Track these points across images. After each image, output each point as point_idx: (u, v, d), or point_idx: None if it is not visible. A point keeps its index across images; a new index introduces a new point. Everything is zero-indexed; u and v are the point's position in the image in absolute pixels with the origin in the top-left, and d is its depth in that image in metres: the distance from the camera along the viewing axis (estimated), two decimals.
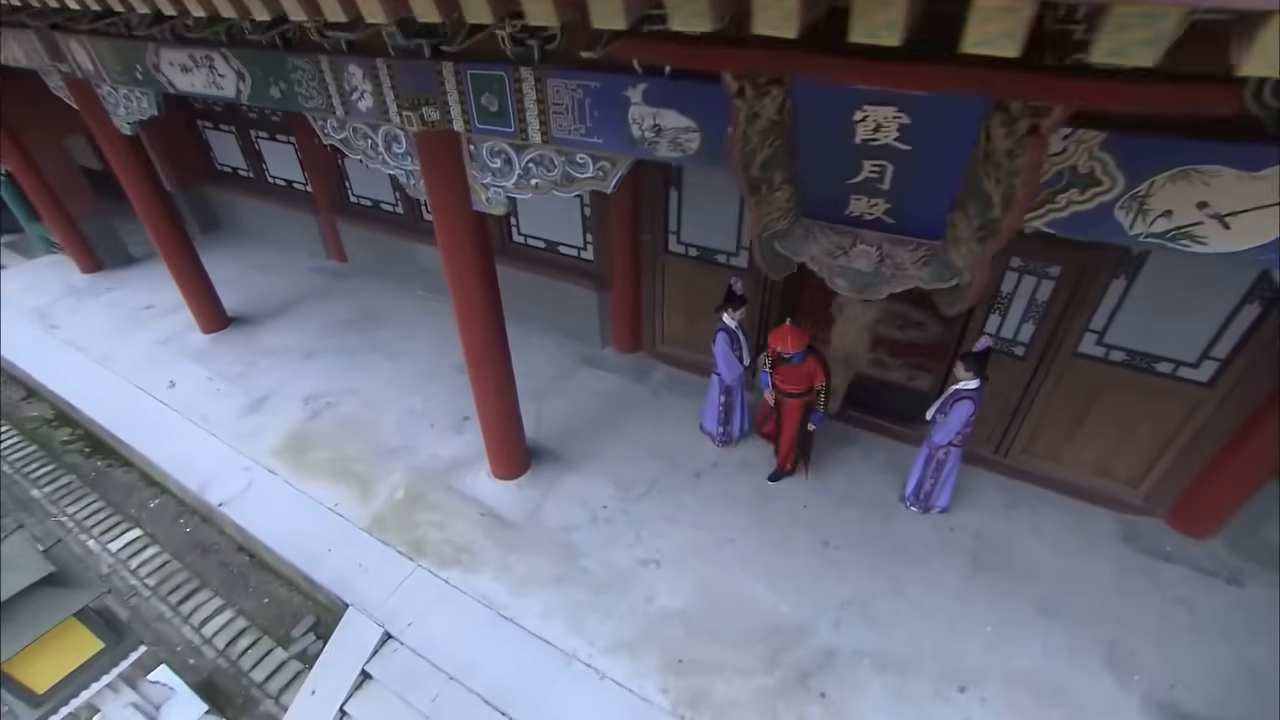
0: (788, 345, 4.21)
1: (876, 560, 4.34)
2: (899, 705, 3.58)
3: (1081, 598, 4.07)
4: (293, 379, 6.19)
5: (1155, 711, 3.52)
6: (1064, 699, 3.58)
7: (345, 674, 4.00)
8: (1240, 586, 4.13)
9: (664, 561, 4.36)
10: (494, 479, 4.97)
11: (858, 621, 3.98)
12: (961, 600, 4.09)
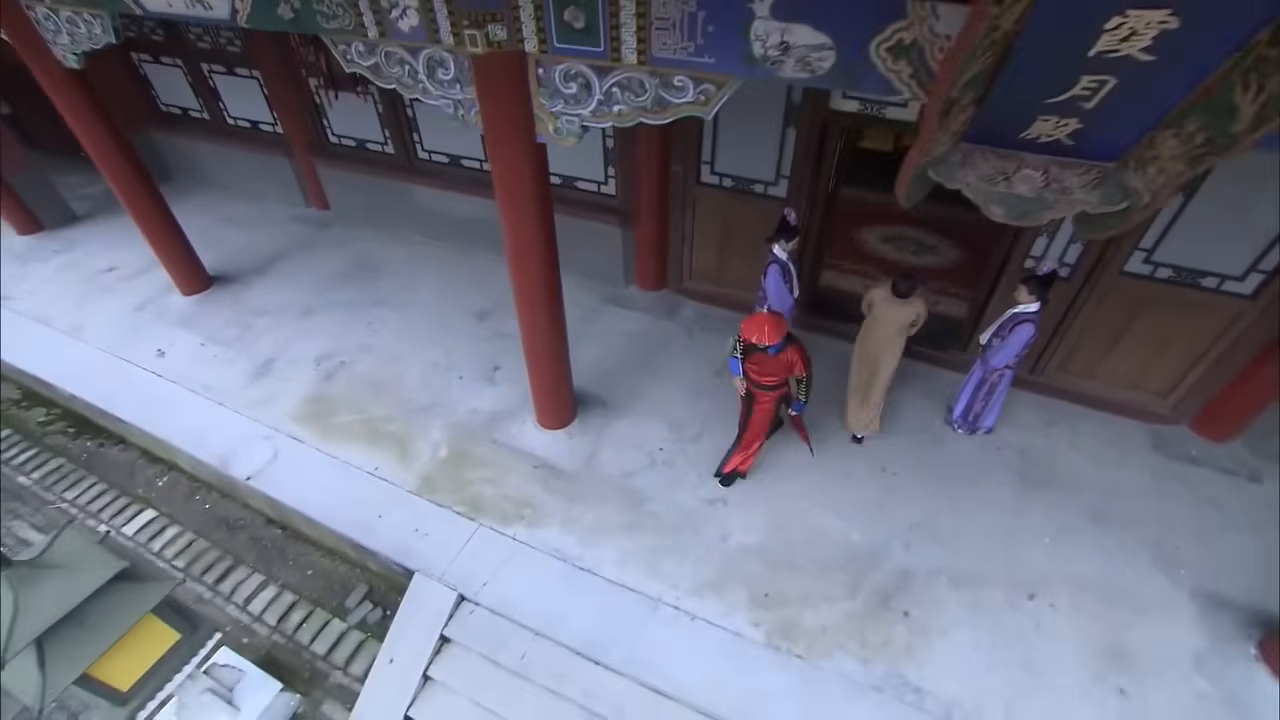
0: (764, 336, 3.66)
1: (933, 483, 4.47)
2: (976, 617, 3.76)
3: (1124, 504, 4.32)
4: (296, 339, 5.78)
5: (1203, 602, 3.82)
6: (1124, 598, 3.84)
7: (423, 640, 3.92)
8: (1260, 483, 4.46)
9: (731, 500, 4.37)
10: (542, 429, 4.82)
11: (926, 542, 4.12)
12: (1017, 514, 4.28)
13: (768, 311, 3.81)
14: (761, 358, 3.84)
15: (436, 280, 6.33)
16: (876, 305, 4.29)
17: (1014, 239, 4.54)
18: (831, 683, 3.52)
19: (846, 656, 3.61)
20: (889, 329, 4.26)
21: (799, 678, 3.54)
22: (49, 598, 2.69)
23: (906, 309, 4.16)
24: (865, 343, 4.45)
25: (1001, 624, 3.74)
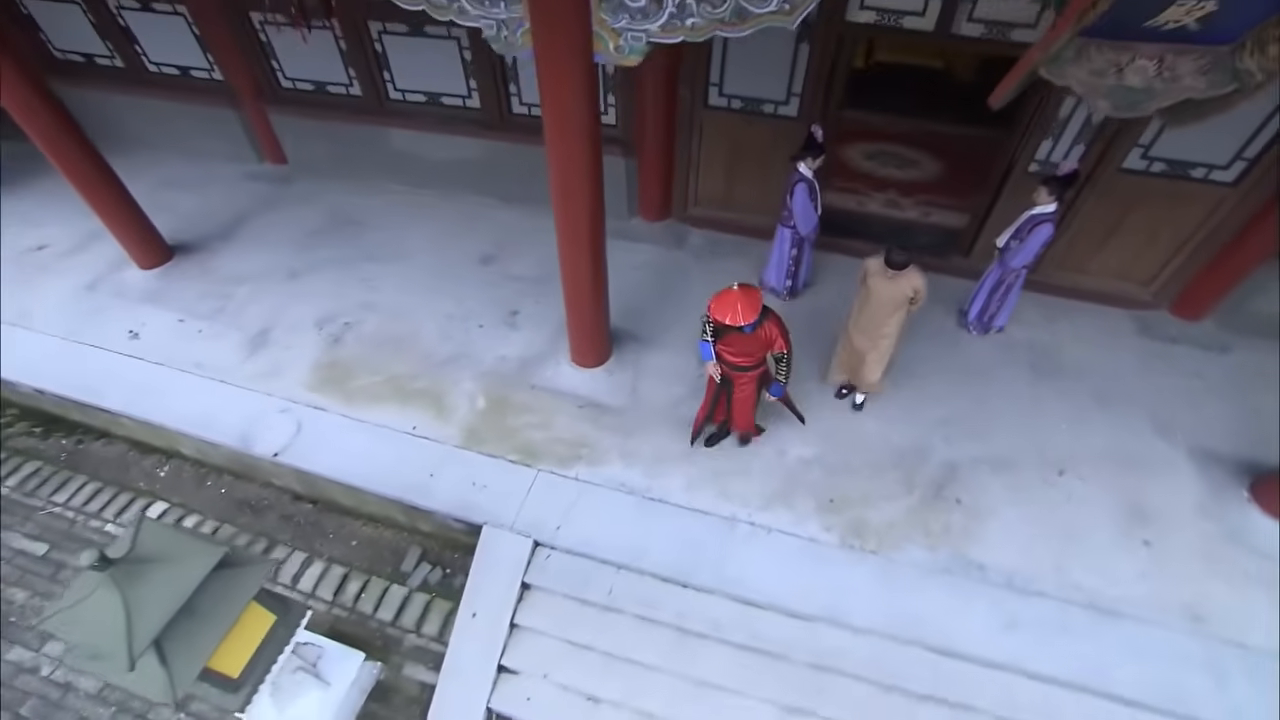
0: (738, 315, 3.27)
1: (956, 382, 4.76)
2: (1018, 495, 4.13)
3: (1122, 384, 4.77)
4: (287, 305, 5.38)
5: (1199, 459, 4.32)
6: (1135, 465, 4.29)
7: (504, 590, 3.92)
8: (1230, 353, 5.00)
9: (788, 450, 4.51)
10: (578, 368, 4.78)
11: (961, 435, 4.43)
12: (1034, 402, 4.64)
13: (738, 287, 3.34)
14: (736, 337, 3.48)
15: (427, 229, 5.99)
16: (870, 278, 3.94)
17: (1019, 144, 4.73)
18: (905, 571, 3.81)
19: (914, 546, 3.90)
20: (884, 306, 3.93)
21: (876, 571, 3.80)
22: (158, 592, 2.49)
23: (902, 283, 3.80)
24: (860, 319, 4.11)
25: (1039, 499, 4.12)
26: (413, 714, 3.93)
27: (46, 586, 4.49)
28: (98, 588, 2.38)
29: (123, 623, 2.35)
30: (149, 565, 2.48)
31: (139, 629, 2.36)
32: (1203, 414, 4.59)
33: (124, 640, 2.34)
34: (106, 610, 2.37)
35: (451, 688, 3.82)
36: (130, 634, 2.35)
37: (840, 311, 5.17)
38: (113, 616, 2.37)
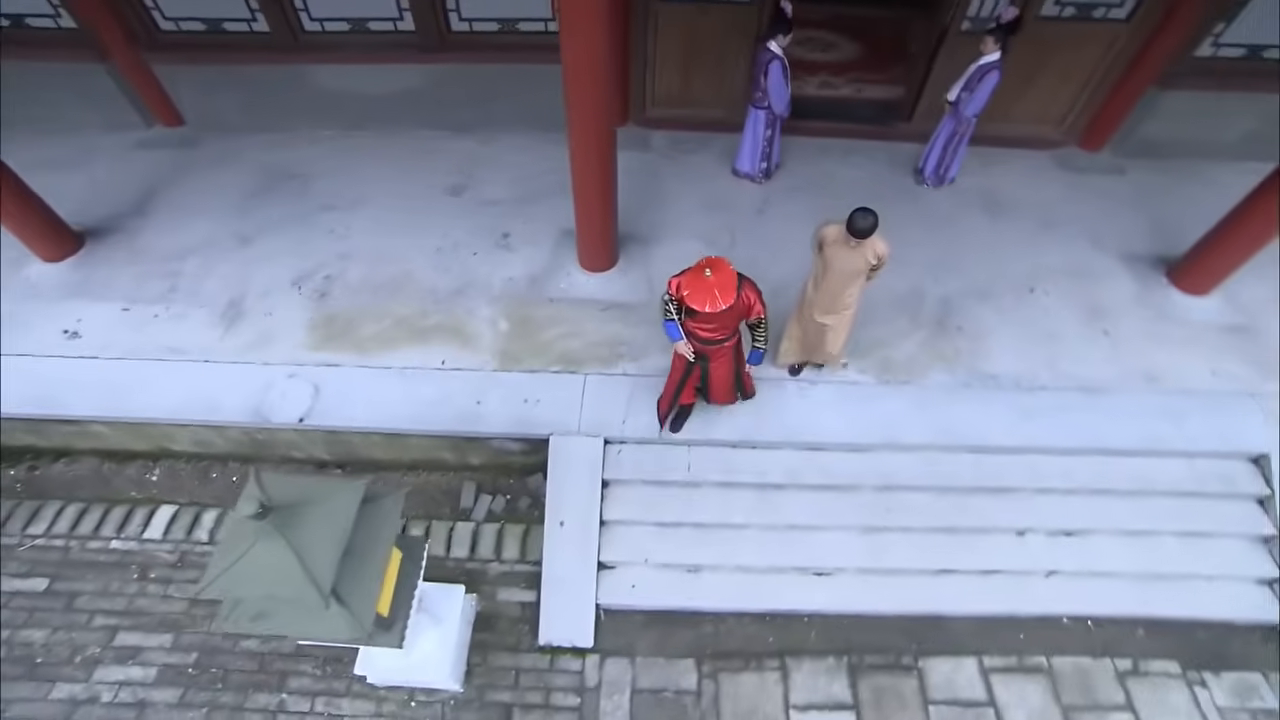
0: (717, 300, 3.03)
1: (928, 230, 5.27)
2: (1004, 315, 4.74)
3: (1057, 212, 5.49)
4: (250, 271, 4.91)
5: (1129, 261, 5.14)
6: (1083, 274, 5.03)
7: (586, 492, 4.04)
8: (1126, 174, 5.87)
9: (793, 286, 4.78)
10: (591, 274, 4.82)
11: (945, 274, 4.97)
12: (995, 237, 5.26)
13: (710, 272, 3.03)
14: (709, 314, 3.16)
15: (380, 171, 5.58)
16: (828, 247, 3.56)
17: (952, 8, 5.12)
18: (934, 393, 4.32)
19: (935, 371, 4.42)
20: (842, 276, 3.60)
21: (911, 398, 4.29)
22: (320, 532, 2.35)
23: (863, 251, 3.45)
24: (818, 294, 3.76)
25: (1021, 314, 4.76)
26: (521, 633, 4.03)
27: (65, 619, 4.05)
28: (258, 539, 2.24)
29: (298, 565, 2.25)
30: (300, 509, 2.36)
31: (317, 569, 2.27)
32: (1120, 226, 5.41)
33: (307, 582, 2.24)
34: (276, 558, 2.25)
35: (556, 597, 3.94)
36: (311, 575, 2.26)
37: (814, 188, 5.54)
38: (285, 562, 2.25)
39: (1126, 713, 3.84)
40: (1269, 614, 4.08)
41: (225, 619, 2.45)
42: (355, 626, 2.43)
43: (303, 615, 2.42)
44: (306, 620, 2.43)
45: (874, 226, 3.34)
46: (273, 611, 2.44)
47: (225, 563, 2.28)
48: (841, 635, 4.03)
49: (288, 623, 2.44)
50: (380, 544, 2.64)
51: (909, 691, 3.87)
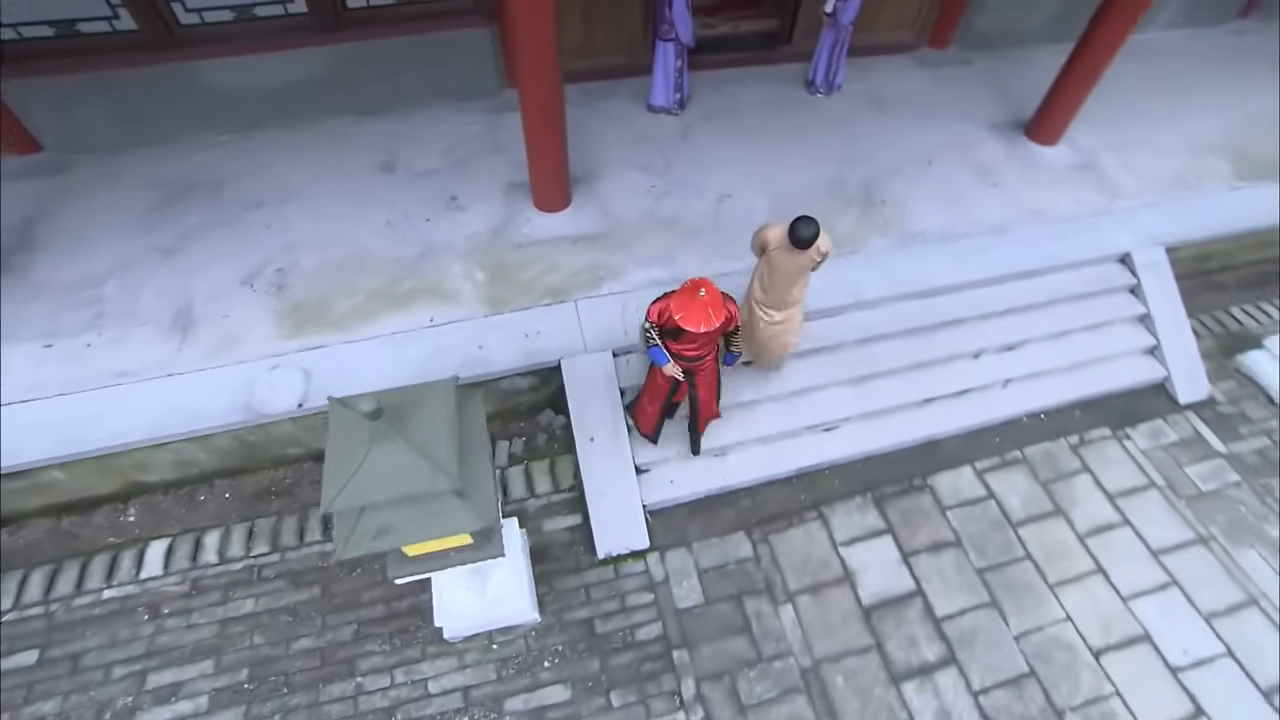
0: (711, 320, 3.16)
1: (830, 129, 5.90)
2: (913, 185, 5.44)
3: (930, 101, 6.31)
4: (188, 280, 4.55)
5: (995, 129, 6.05)
6: (964, 144, 5.87)
7: (609, 404, 4.21)
8: (971, 65, 6.86)
9: (734, 193, 5.24)
10: (550, 215, 4.97)
11: (856, 162, 5.60)
12: (887, 126, 5.98)
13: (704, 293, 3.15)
14: (697, 334, 3.25)
15: (298, 164, 5.31)
16: (772, 251, 3.63)
17: None
18: (880, 256, 4.91)
19: (875, 238, 5.02)
20: (790, 274, 3.69)
21: (863, 263, 4.85)
22: (430, 427, 2.36)
23: (809, 250, 3.51)
24: (768, 295, 3.83)
25: (928, 183, 5.49)
26: (578, 555, 4.15)
27: (75, 681, 3.65)
28: (373, 443, 2.25)
29: (421, 458, 2.29)
30: (404, 410, 2.39)
31: (440, 459, 2.32)
32: (980, 104, 6.34)
33: (435, 470, 2.28)
34: (397, 456, 2.27)
35: (603, 509, 4.11)
36: (437, 463, 2.31)
37: (725, 112, 5.99)
38: (407, 457, 2.28)
39: (1085, 474, 4.64)
40: (1157, 373, 5.07)
41: (345, 545, 2.43)
42: (481, 515, 2.50)
43: (427, 516, 2.45)
44: (431, 521, 2.46)
45: (816, 234, 3.36)
46: (394, 524, 2.45)
47: (344, 475, 2.27)
48: (859, 476, 4.52)
49: (411, 529, 2.46)
50: (479, 434, 2.71)
51: (927, 506, 4.43)
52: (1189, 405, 5.05)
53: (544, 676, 3.73)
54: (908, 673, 3.81)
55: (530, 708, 3.63)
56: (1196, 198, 5.62)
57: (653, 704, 3.66)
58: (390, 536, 2.45)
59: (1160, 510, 4.49)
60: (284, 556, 4.10)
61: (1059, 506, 4.48)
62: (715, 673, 3.76)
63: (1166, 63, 6.91)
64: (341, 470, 2.29)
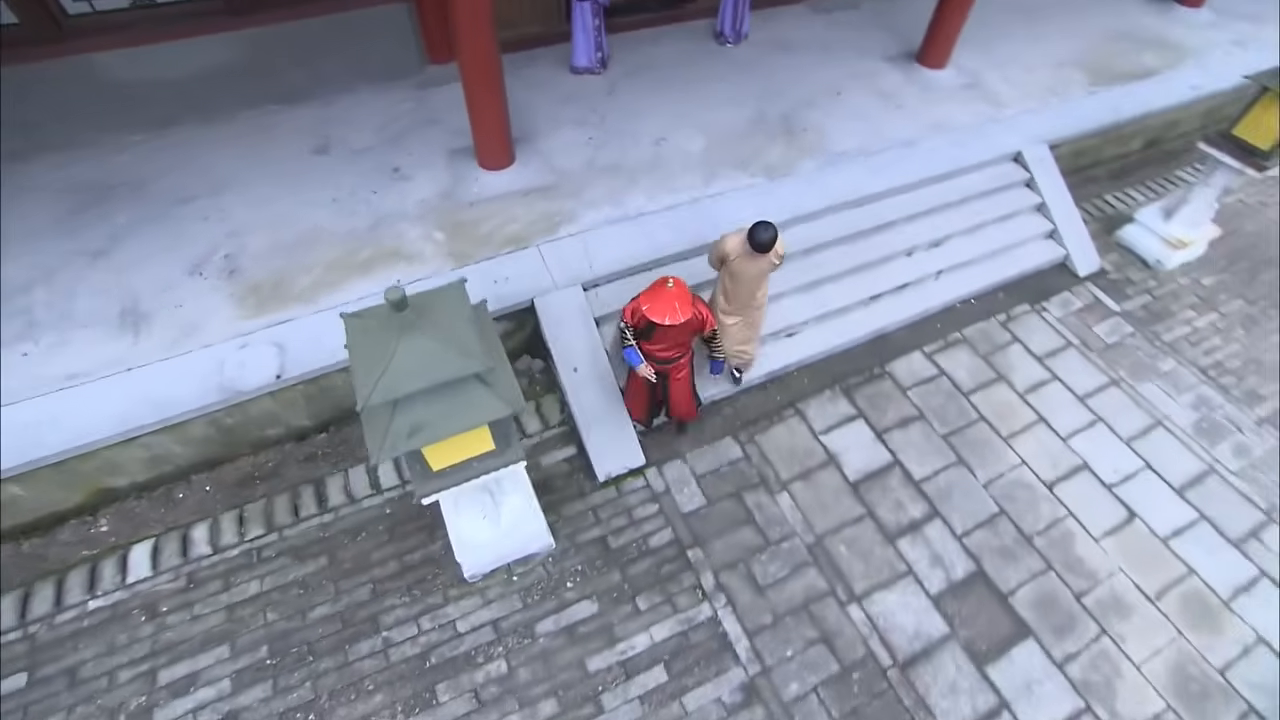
0: (676, 313, 3.26)
1: (745, 72, 6.28)
2: (829, 114, 5.88)
3: (828, 41, 6.81)
4: (127, 279, 4.34)
5: (890, 60, 6.61)
6: (866, 75, 6.39)
7: (586, 334, 4.36)
8: (859, 8, 7.43)
9: (668, 136, 5.51)
10: (497, 172, 5.09)
11: (774, 99, 6.01)
12: (795, 65, 6.42)
13: (672, 284, 3.31)
14: (668, 331, 3.40)
15: (225, 157, 5.11)
16: (732, 261, 3.74)
17: None
18: (812, 175, 5.31)
19: (803, 161, 5.41)
20: (753, 280, 3.83)
21: (798, 183, 5.23)
22: (451, 321, 2.43)
23: (768, 255, 3.66)
24: (731, 303, 3.96)
25: (841, 109, 5.96)
26: (579, 482, 4.29)
27: (77, 694, 3.46)
28: (400, 338, 2.33)
29: (448, 347, 2.38)
30: (422, 308, 2.47)
31: (466, 347, 2.43)
32: (872, 40, 6.90)
33: (463, 356, 2.38)
34: (425, 347, 2.35)
35: (597, 435, 4.27)
36: (464, 350, 2.41)
37: (645, 68, 6.26)
38: (435, 348, 2.37)
39: (1015, 343, 5.20)
40: (1058, 253, 5.74)
41: (380, 449, 2.49)
42: (508, 400, 2.61)
43: (457, 409, 2.54)
44: (462, 412, 2.55)
45: (775, 236, 3.50)
46: (426, 421, 2.53)
47: (377, 371, 2.34)
48: (825, 372, 4.89)
49: (444, 423, 2.55)
50: (490, 331, 2.81)
51: (889, 389, 4.85)
52: (1087, 277, 5.74)
53: (569, 596, 3.85)
54: (899, 531, 4.18)
55: (561, 627, 3.74)
56: (1063, 103, 6.37)
57: (678, 600, 3.85)
58: (424, 434, 2.53)
59: (1079, 364, 5.11)
60: (282, 535, 4.01)
61: (999, 373, 5.00)
62: (730, 562, 4.00)
63: None
64: (372, 369, 2.35)
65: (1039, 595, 3.98)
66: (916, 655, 3.74)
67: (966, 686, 3.66)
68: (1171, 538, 4.25)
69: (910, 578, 4.00)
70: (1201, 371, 5.14)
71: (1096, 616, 3.92)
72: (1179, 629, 3.89)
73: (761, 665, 3.66)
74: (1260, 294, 5.77)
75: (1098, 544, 4.20)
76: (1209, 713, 3.62)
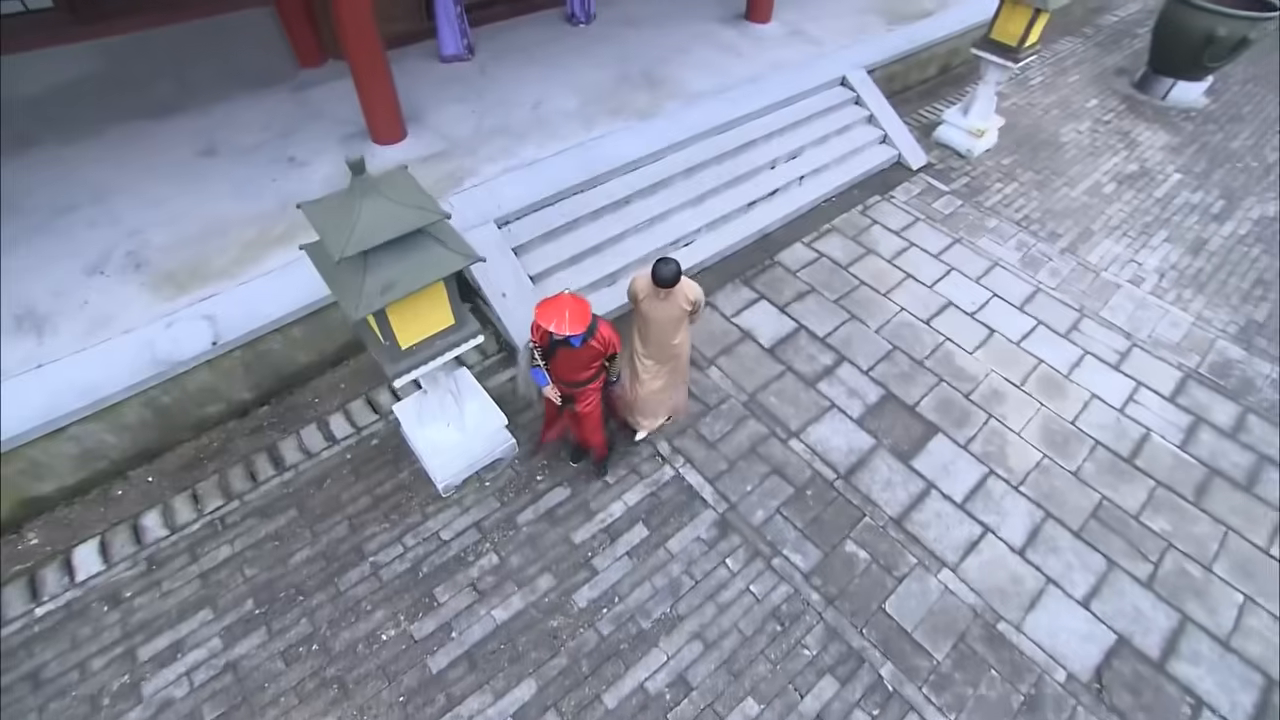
0: (563, 324, 3.01)
1: (604, 44, 6.90)
2: (681, 66, 6.63)
3: (667, 11, 7.65)
4: (14, 288, 4.15)
5: (723, 21, 7.55)
6: (705, 34, 7.24)
7: (508, 264, 4.71)
8: None
9: (544, 100, 5.99)
10: (393, 145, 5.36)
11: (632, 60, 6.68)
12: (642, 35, 7.16)
13: (568, 294, 3.11)
14: (568, 354, 3.25)
15: (100, 168, 4.88)
16: (642, 302, 3.57)
17: None
18: (680, 113, 5.97)
19: (669, 104, 6.08)
20: (666, 325, 3.62)
21: (668, 120, 5.87)
22: (398, 189, 2.68)
23: (676, 299, 3.49)
24: (647, 347, 3.76)
25: (691, 61, 6.72)
26: (528, 395, 4.56)
27: (45, 694, 3.28)
28: (362, 199, 2.55)
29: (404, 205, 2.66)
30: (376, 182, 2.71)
31: (419, 203, 2.73)
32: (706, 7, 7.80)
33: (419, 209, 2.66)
34: (383, 206, 2.57)
35: None
36: (419, 205, 2.71)
37: (510, 51, 6.77)
38: (392, 206, 2.62)
39: (875, 225, 6.11)
40: (892, 154, 6.80)
41: (356, 307, 2.72)
42: (464, 252, 2.91)
43: (421, 266, 2.82)
44: (426, 267, 2.83)
45: (677, 273, 3.33)
46: (395, 279, 2.77)
47: (345, 230, 2.58)
48: (724, 270, 5.52)
49: (410, 279, 2.79)
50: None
51: (781, 274, 5.55)
52: (919, 169, 6.83)
53: (541, 488, 4.11)
54: (816, 377, 4.81)
55: (541, 514, 3.99)
56: (870, 38, 7.55)
57: (641, 469, 4.22)
58: (394, 290, 2.77)
59: (928, 231, 6.08)
60: (243, 500, 3.98)
61: (868, 248, 5.86)
62: (680, 430, 4.43)
63: None
64: (340, 229, 2.59)
65: (938, 401, 4.72)
66: (854, 465, 4.33)
67: (899, 480, 4.28)
68: (1022, 340, 5.18)
69: (834, 410, 4.62)
70: (1016, 224, 6.28)
71: (983, 406, 4.71)
72: (1040, 401, 4.77)
73: (728, 503, 4.10)
74: (1042, 165, 7.11)
75: (971, 355, 5.04)
76: (1070, 451, 4.49)
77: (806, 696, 3.37)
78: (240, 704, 3.24)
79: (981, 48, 6.44)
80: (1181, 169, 7.17)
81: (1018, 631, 3.65)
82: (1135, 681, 3.49)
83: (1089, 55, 9.30)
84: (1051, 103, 8.15)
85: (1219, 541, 4.08)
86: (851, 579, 3.81)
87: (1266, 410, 4.81)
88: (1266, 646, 3.65)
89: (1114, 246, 6.11)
